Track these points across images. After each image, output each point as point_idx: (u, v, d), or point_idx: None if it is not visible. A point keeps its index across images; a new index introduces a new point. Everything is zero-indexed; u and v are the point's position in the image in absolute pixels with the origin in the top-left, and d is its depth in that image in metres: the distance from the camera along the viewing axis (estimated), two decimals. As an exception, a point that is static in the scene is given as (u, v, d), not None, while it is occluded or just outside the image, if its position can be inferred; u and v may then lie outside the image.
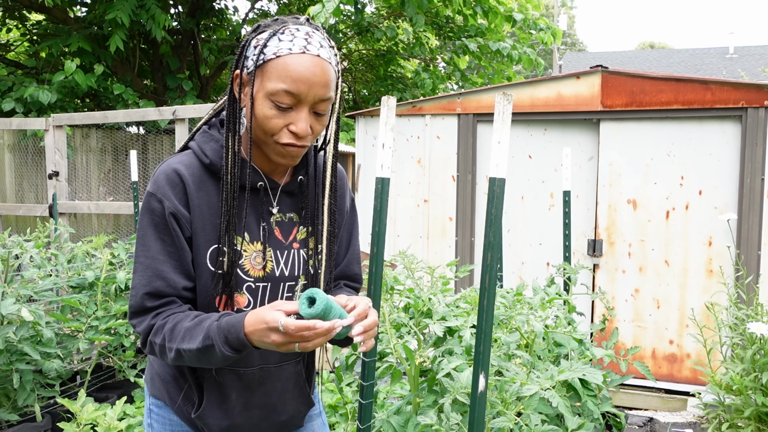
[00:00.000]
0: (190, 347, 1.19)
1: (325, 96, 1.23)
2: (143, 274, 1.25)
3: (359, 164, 4.63)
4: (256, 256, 1.31)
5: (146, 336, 1.26)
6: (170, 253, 1.26)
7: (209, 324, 1.20)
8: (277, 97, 1.21)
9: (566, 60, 24.25)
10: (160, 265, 1.25)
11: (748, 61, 21.41)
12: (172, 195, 1.26)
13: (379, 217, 1.59)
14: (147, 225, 1.26)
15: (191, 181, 1.28)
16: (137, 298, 1.25)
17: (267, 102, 1.22)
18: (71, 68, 6.75)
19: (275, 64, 1.21)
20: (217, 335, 1.17)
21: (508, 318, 1.88)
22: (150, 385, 1.42)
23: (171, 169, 1.28)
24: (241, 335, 1.16)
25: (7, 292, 2.94)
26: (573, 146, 4.12)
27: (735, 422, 2.50)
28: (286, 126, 1.23)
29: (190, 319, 1.24)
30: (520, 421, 1.55)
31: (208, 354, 1.19)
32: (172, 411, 1.38)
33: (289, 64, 1.20)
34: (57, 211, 5.15)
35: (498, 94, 1.29)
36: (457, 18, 9.29)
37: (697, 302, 3.82)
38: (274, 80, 1.21)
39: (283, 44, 1.21)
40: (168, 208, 1.25)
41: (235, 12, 9.92)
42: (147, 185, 1.30)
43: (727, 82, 3.73)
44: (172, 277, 1.26)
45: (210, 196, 1.29)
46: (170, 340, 1.22)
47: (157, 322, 1.25)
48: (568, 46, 37.55)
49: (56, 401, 3.13)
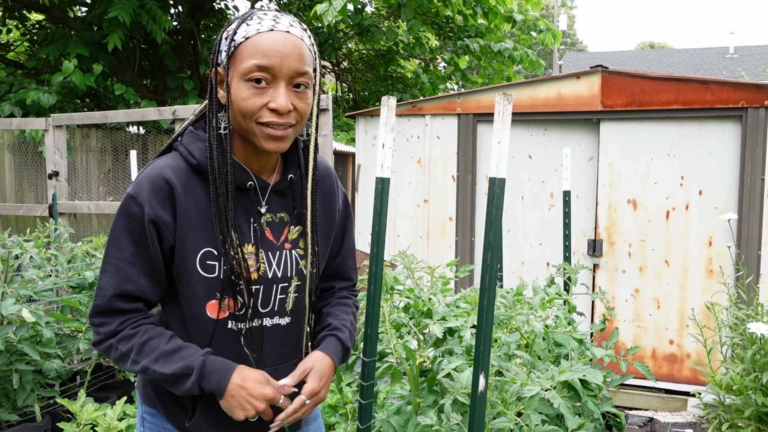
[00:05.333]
0: (163, 371, 1.22)
1: (301, 69, 1.22)
2: (114, 275, 1.24)
3: (359, 164, 4.63)
4: (249, 258, 1.29)
5: (107, 338, 1.25)
6: (143, 257, 1.24)
7: (193, 358, 1.23)
8: (250, 75, 1.19)
9: (566, 60, 24.25)
10: (132, 268, 1.24)
11: (748, 61, 21.41)
12: (155, 202, 1.22)
13: (379, 217, 1.59)
14: (123, 227, 1.24)
15: (179, 184, 1.24)
16: (104, 298, 1.24)
17: (242, 84, 1.21)
18: (69, 69, 6.74)
19: (245, 46, 1.21)
20: (197, 371, 1.22)
21: (508, 318, 1.88)
22: (142, 393, 1.40)
23: (158, 175, 1.24)
24: (222, 386, 1.23)
25: (7, 292, 2.93)
26: (573, 146, 4.12)
27: (735, 422, 2.50)
28: (265, 105, 1.21)
29: (167, 339, 1.26)
30: (521, 421, 1.55)
31: (178, 381, 1.23)
32: (166, 419, 1.36)
33: (258, 41, 1.20)
34: (57, 211, 5.15)
35: (498, 94, 1.29)
36: (457, 18, 9.29)
37: (697, 302, 3.82)
38: (246, 59, 1.20)
39: (251, 27, 1.21)
40: (148, 215, 1.22)
41: (235, 12, 9.91)
42: (131, 184, 1.28)
43: (727, 82, 3.73)
44: (142, 281, 1.25)
45: (198, 198, 1.26)
46: (138, 354, 1.23)
47: (125, 330, 1.25)
48: (568, 46, 37.55)
49: (56, 401, 3.12)
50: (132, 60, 8.50)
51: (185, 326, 1.31)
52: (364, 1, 8.85)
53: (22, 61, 9.03)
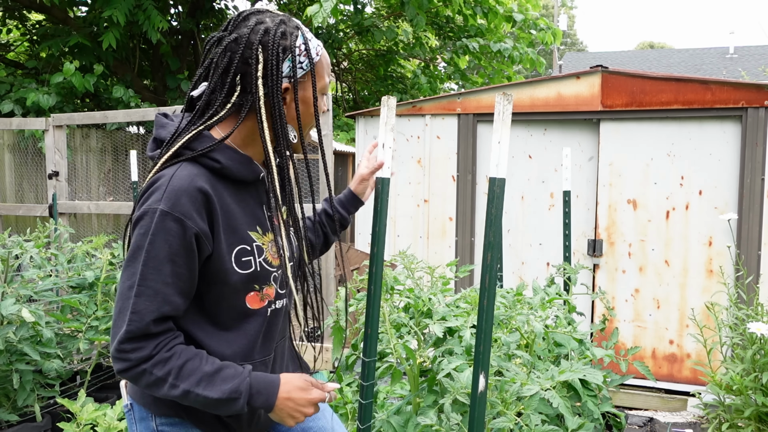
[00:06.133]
0: (207, 395, 1.21)
1: None
2: (152, 299, 1.19)
3: (359, 164, 4.62)
4: (271, 246, 1.37)
5: (140, 363, 1.19)
6: (180, 275, 1.22)
7: (239, 380, 1.25)
8: (324, 90, 1.39)
9: (566, 60, 24.25)
10: (169, 289, 1.21)
11: (748, 61, 21.40)
12: (195, 215, 1.21)
13: (379, 217, 1.59)
14: (161, 246, 1.19)
15: (213, 193, 1.26)
16: (142, 323, 1.18)
17: (320, 96, 1.37)
18: (70, 70, 6.74)
19: (322, 63, 1.38)
20: (246, 393, 1.24)
21: (508, 318, 1.88)
22: (156, 406, 1.33)
23: (191, 186, 1.22)
24: (271, 402, 1.27)
25: (7, 292, 2.93)
26: (573, 146, 4.12)
27: (735, 422, 2.50)
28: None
29: (205, 360, 1.24)
30: (521, 421, 1.55)
31: (225, 405, 1.24)
32: (191, 424, 1.33)
33: (326, 58, 1.40)
34: (57, 211, 5.15)
35: (498, 94, 1.29)
36: (457, 18, 9.29)
37: (697, 302, 3.82)
38: (324, 75, 1.38)
39: (314, 43, 1.36)
40: (191, 229, 1.20)
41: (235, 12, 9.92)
42: (154, 198, 1.22)
43: (727, 82, 3.73)
44: (177, 301, 1.23)
45: (224, 200, 1.29)
46: (177, 378, 1.20)
47: (160, 354, 1.21)
48: (568, 46, 37.54)
49: (56, 401, 3.12)
50: (132, 60, 8.50)
51: (216, 332, 1.33)
52: (364, 1, 8.85)
53: (22, 61, 9.02)
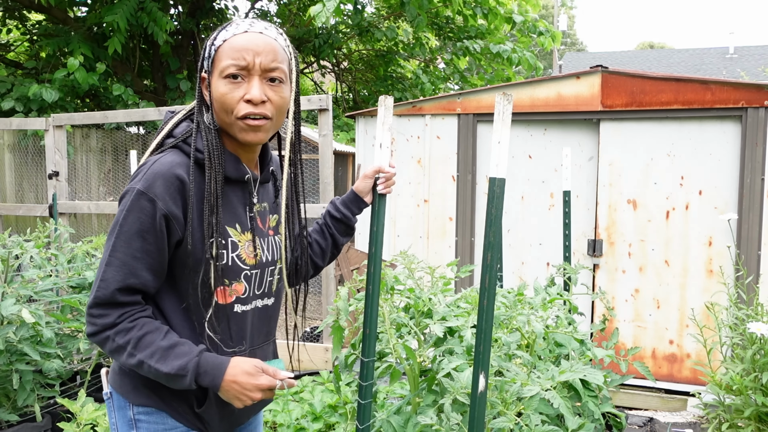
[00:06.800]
0: (158, 368, 1.28)
1: (272, 65, 1.33)
2: (119, 269, 1.28)
3: (359, 164, 4.62)
4: (248, 245, 1.41)
5: (104, 329, 1.29)
6: (149, 252, 1.29)
7: (188, 358, 1.30)
8: (228, 72, 1.31)
9: (566, 60, 24.25)
10: (137, 263, 1.28)
11: (748, 61, 21.41)
12: (168, 198, 1.29)
13: (377, 217, 1.59)
14: (133, 222, 1.27)
15: (189, 180, 1.32)
16: (107, 291, 1.28)
17: (221, 81, 1.32)
18: (74, 65, 6.73)
19: (223, 48, 1.33)
20: (192, 371, 1.29)
21: (508, 318, 1.88)
22: (134, 395, 1.39)
23: (168, 171, 1.30)
24: (216, 383, 1.31)
25: (7, 292, 2.93)
26: (573, 146, 4.12)
27: (735, 422, 2.50)
28: (241, 98, 1.32)
29: (163, 335, 1.31)
30: (521, 421, 1.55)
31: (174, 380, 1.30)
32: (167, 414, 1.38)
33: (234, 42, 1.33)
34: (57, 211, 5.14)
35: (498, 94, 1.29)
36: (457, 19, 9.28)
37: (697, 302, 3.82)
38: (224, 59, 1.32)
39: (228, 32, 1.34)
40: (161, 210, 1.28)
41: (235, 12, 9.92)
42: (135, 180, 1.31)
43: (727, 82, 3.73)
44: (145, 276, 1.30)
45: (202, 190, 1.35)
46: (135, 348, 1.28)
47: (123, 323, 1.29)
48: (567, 46, 37.54)
49: (56, 401, 3.13)
50: (132, 60, 8.50)
51: (184, 314, 1.38)
52: (364, 2, 8.85)
53: (22, 61, 9.02)
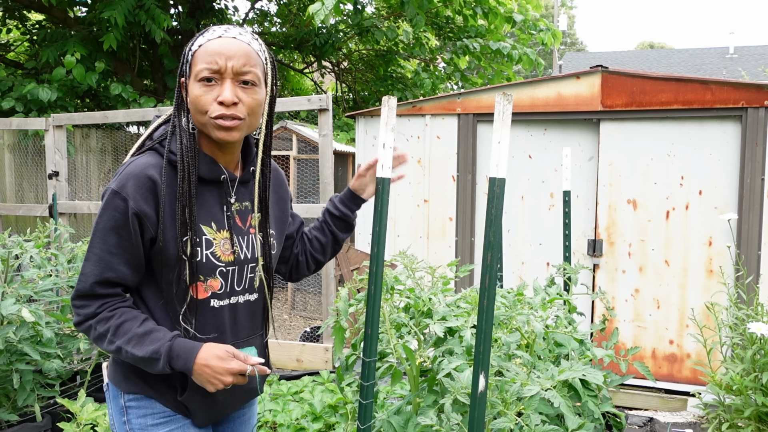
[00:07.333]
0: (134, 353, 1.36)
1: (244, 68, 1.39)
2: (97, 264, 1.38)
3: (359, 164, 4.63)
4: (224, 243, 1.47)
5: (87, 319, 1.39)
6: (125, 247, 1.38)
7: (161, 342, 1.37)
8: (201, 75, 1.38)
9: (566, 60, 24.25)
10: (113, 258, 1.38)
11: (748, 61, 21.40)
12: (139, 197, 1.36)
13: (379, 217, 1.59)
14: (107, 219, 1.37)
15: (161, 181, 1.39)
16: (86, 284, 1.38)
17: (196, 84, 1.39)
18: (72, 63, 6.72)
19: (198, 53, 1.40)
20: (165, 355, 1.36)
21: (508, 318, 1.88)
22: (125, 384, 1.48)
23: (141, 172, 1.38)
24: (189, 366, 1.37)
25: (7, 292, 2.93)
26: (573, 146, 4.12)
27: (735, 422, 2.50)
28: (214, 100, 1.38)
29: (139, 323, 1.39)
30: (521, 421, 1.55)
31: (150, 364, 1.38)
32: (155, 400, 1.47)
33: (208, 46, 1.39)
34: (57, 211, 5.14)
35: (498, 94, 1.29)
36: (457, 18, 9.28)
37: (697, 302, 3.82)
38: (199, 64, 1.39)
39: (204, 37, 1.41)
40: (132, 208, 1.36)
41: (235, 12, 9.92)
42: (113, 180, 1.40)
43: (727, 82, 3.73)
44: (122, 269, 1.39)
45: (175, 190, 1.41)
46: (114, 335, 1.38)
47: (103, 313, 1.39)
48: (567, 45, 37.54)
49: (56, 401, 3.13)
50: (132, 60, 8.49)
51: (165, 307, 1.45)
52: (364, 1, 8.84)
53: (22, 61, 9.02)
